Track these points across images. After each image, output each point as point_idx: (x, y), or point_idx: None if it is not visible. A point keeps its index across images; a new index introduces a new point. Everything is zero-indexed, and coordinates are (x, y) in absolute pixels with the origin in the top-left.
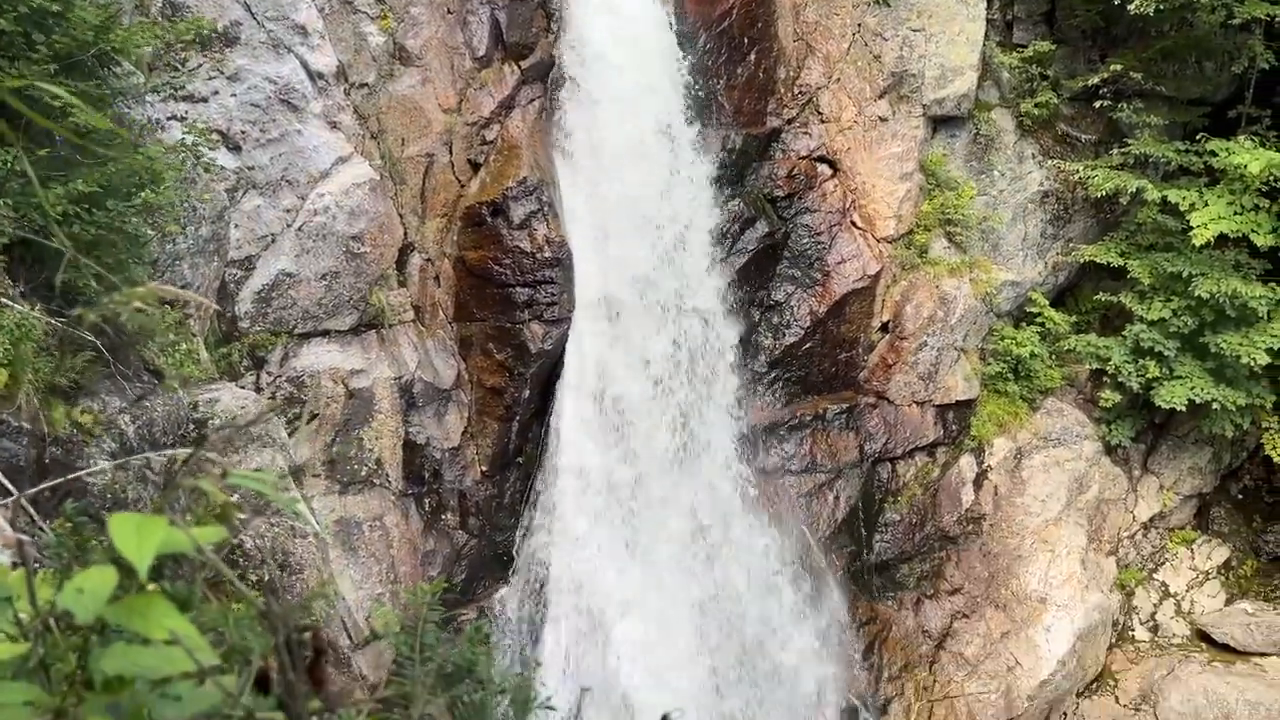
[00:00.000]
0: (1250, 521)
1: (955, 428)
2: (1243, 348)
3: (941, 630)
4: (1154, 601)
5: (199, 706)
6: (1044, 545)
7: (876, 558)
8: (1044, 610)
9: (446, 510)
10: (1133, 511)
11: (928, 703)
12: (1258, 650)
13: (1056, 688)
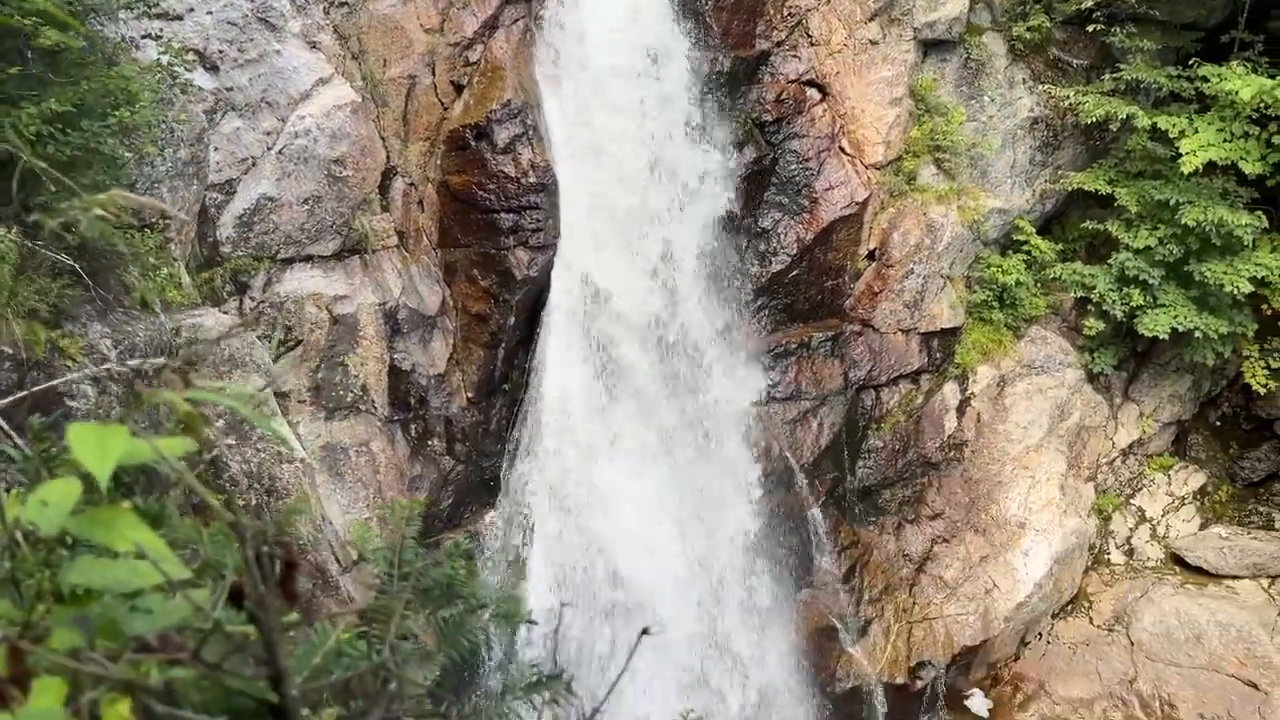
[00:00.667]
0: (1227, 448)
1: (940, 355)
2: (1226, 276)
3: (922, 554)
4: (1130, 526)
5: (169, 620)
6: (1024, 471)
7: (859, 483)
8: (1023, 535)
9: (433, 436)
10: (1112, 438)
11: (907, 624)
12: (1230, 573)
13: (1033, 609)
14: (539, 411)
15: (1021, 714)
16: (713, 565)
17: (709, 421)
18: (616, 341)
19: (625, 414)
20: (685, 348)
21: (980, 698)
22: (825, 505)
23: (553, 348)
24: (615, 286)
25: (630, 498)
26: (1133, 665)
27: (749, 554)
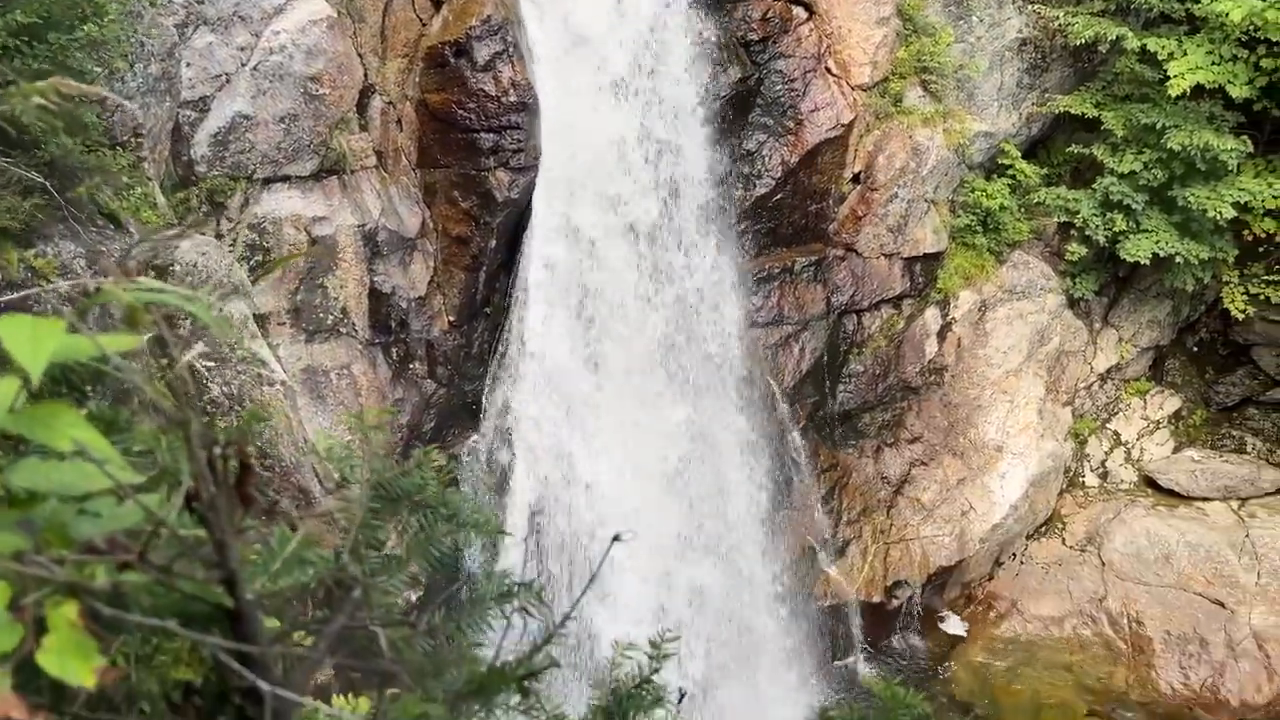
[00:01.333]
0: (1203, 373)
1: (922, 280)
2: (1210, 201)
3: (900, 477)
4: (1105, 449)
5: (119, 524)
6: (1003, 396)
7: (839, 407)
8: (1000, 458)
9: (414, 360)
10: (1091, 363)
11: (884, 545)
12: (1201, 495)
13: (1007, 531)
14: (521, 334)
15: (994, 631)
16: (695, 486)
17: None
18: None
19: (609, 335)
20: (668, 246)
21: (956, 619)
22: (805, 429)
23: (534, 271)
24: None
25: (613, 419)
26: (1103, 584)
27: (731, 473)
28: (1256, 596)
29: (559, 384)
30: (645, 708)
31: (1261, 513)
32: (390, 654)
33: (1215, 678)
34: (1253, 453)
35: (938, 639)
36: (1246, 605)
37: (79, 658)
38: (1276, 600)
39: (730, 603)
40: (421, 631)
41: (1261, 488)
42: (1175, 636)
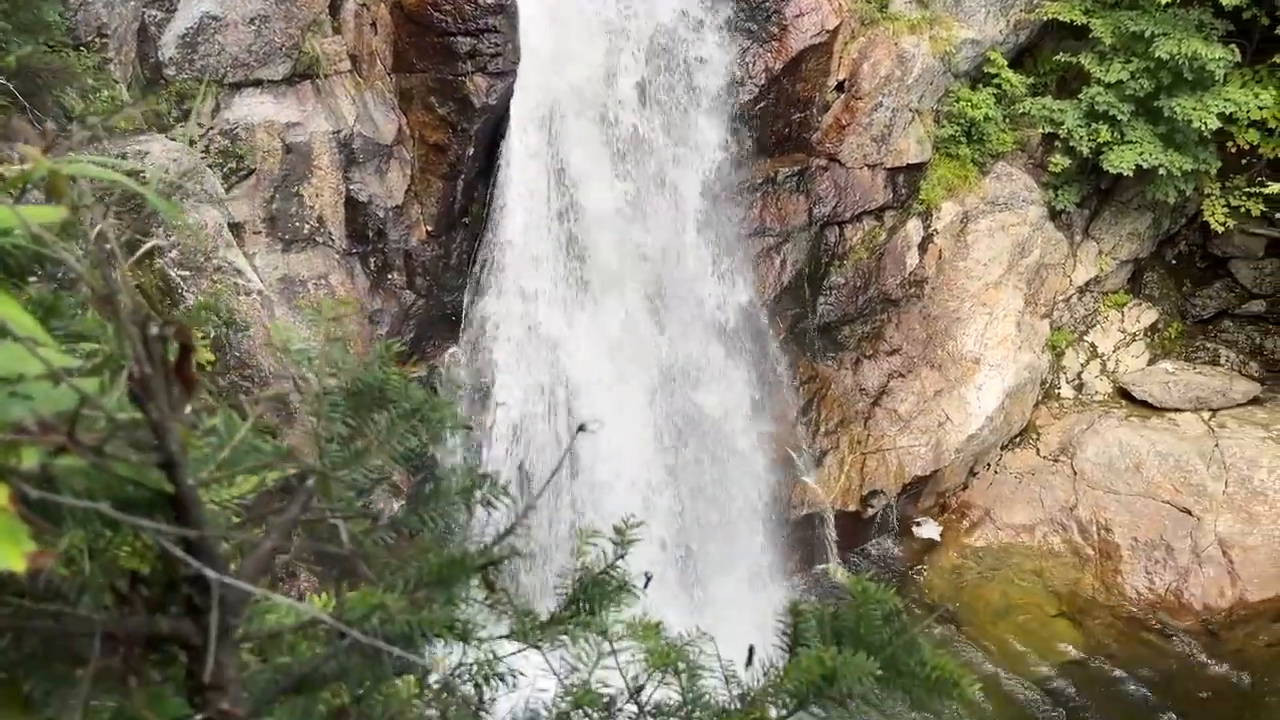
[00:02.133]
0: (1180, 286)
1: (905, 191)
2: (1195, 112)
3: (878, 388)
4: (1081, 361)
5: (52, 406)
6: (982, 308)
7: (819, 320)
8: (977, 370)
9: (392, 270)
10: (1070, 276)
11: (860, 455)
12: (1173, 406)
13: (983, 441)
14: (500, 244)
15: (967, 539)
16: (674, 395)
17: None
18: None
19: (591, 246)
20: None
21: (932, 525)
22: (785, 341)
23: (514, 179)
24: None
25: (595, 330)
26: (1074, 493)
27: (711, 384)
28: (1223, 505)
29: (539, 295)
30: (611, 594)
31: (1232, 423)
32: (351, 546)
33: (1180, 583)
34: (1226, 365)
35: (911, 546)
36: (1213, 513)
37: (8, 542)
38: (1242, 508)
39: (709, 514)
40: (383, 525)
41: (1233, 399)
42: (1142, 543)
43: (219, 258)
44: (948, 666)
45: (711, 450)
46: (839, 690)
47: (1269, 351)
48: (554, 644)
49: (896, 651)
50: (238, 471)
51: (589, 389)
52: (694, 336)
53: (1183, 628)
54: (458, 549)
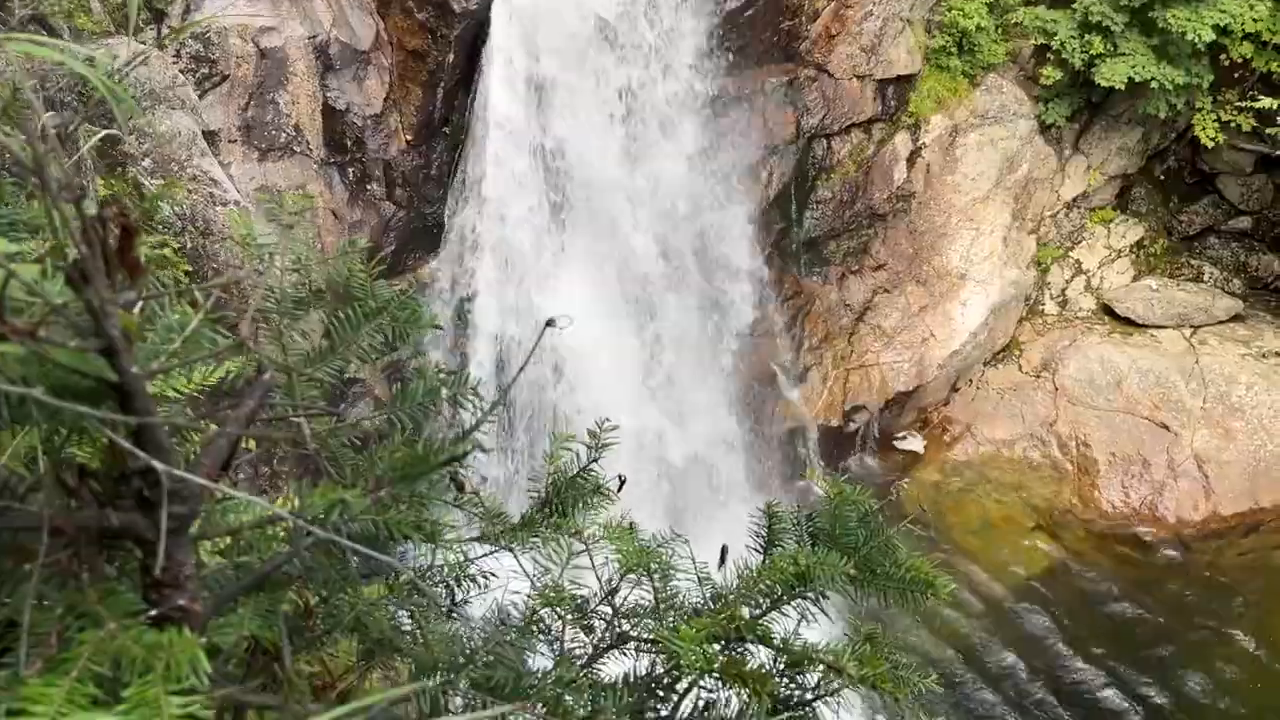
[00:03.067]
0: (1167, 202)
1: (894, 104)
2: (1190, 23)
3: (863, 304)
4: (1066, 278)
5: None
6: (969, 223)
7: (806, 234)
8: (962, 285)
9: (371, 180)
10: (1058, 191)
11: (844, 371)
12: (1155, 323)
13: (966, 357)
14: (481, 155)
15: (948, 453)
16: (659, 310)
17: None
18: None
19: (574, 156)
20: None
21: (916, 438)
22: (771, 256)
23: (494, 88)
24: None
25: (578, 242)
26: (1055, 409)
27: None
28: (1200, 420)
29: (521, 205)
30: (584, 496)
31: (1212, 340)
32: (314, 445)
33: (1154, 496)
34: (1209, 281)
35: (892, 461)
36: (1190, 429)
37: None
38: (1219, 424)
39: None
40: (348, 424)
41: (1215, 316)
42: (1120, 458)
43: (194, 166)
44: (922, 567)
45: (696, 368)
46: (813, 590)
47: (1252, 269)
48: (526, 547)
49: (871, 552)
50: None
51: (571, 307)
52: (681, 251)
53: (1156, 540)
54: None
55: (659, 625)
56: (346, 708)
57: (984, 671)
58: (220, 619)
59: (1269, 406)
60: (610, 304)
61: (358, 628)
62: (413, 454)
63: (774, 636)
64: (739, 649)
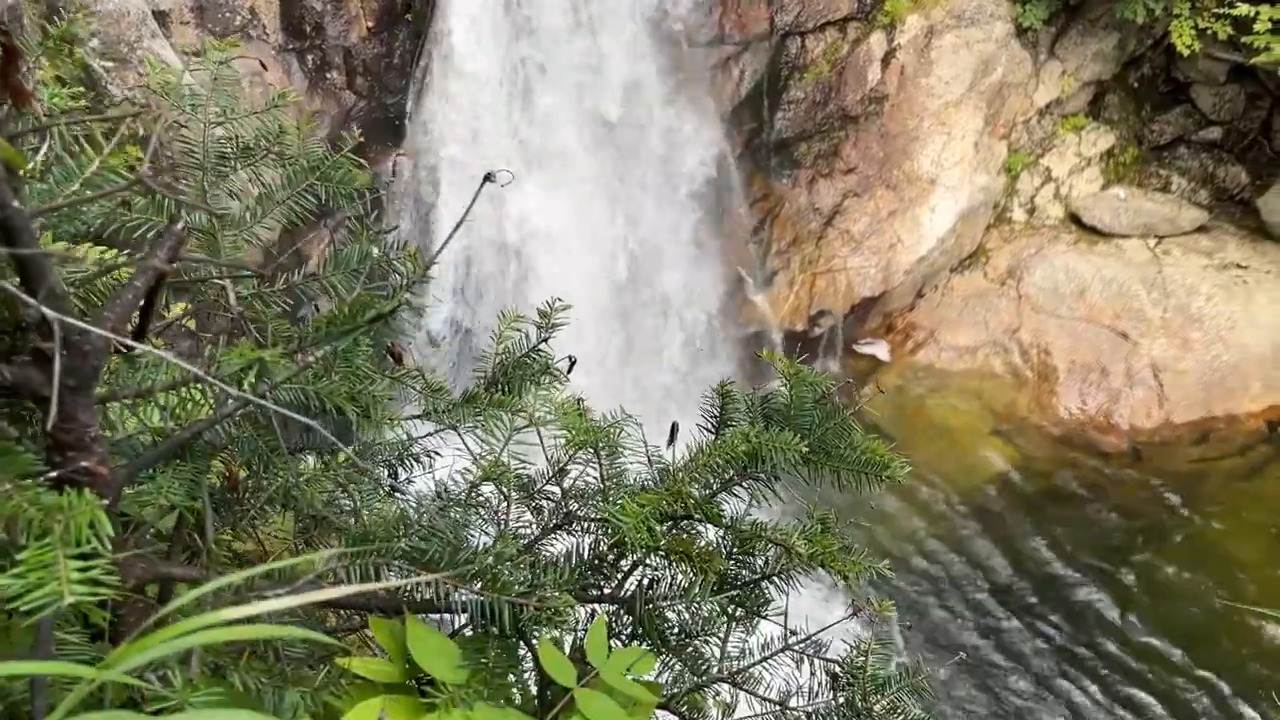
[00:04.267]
0: (1140, 111)
1: (869, 1)
2: None
3: (832, 208)
4: (1035, 185)
5: None
6: (941, 128)
7: (776, 136)
8: (932, 191)
9: (331, 69)
10: (1032, 96)
11: (811, 275)
12: (1121, 232)
13: (932, 264)
14: (444, 44)
15: (910, 359)
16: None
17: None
18: None
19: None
20: None
21: (882, 345)
22: (741, 157)
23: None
24: None
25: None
26: (1018, 316)
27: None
28: (1160, 330)
29: (485, 98)
30: (532, 376)
31: (1176, 251)
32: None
33: (1110, 404)
34: (1177, 192)
35: (855, 366)
36: (1149, 338)
37: None
38: (1177, 334)
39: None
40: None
41: (1180, 226)
42: (1079, 365)
43: (144, 48)
44: (879, 449)
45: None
46: (765, 471)
47: (1220, 180)
48: (470, 425)
49: (827, 434)
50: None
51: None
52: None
53: (1110, 447)
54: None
55: (604, 502)
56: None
57: (942, 565)
58: (138, 488)
59: (1227, 318)
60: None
61: (290, 504)
62: (337, 312)
63: (723, 515)
64: (687, 529)
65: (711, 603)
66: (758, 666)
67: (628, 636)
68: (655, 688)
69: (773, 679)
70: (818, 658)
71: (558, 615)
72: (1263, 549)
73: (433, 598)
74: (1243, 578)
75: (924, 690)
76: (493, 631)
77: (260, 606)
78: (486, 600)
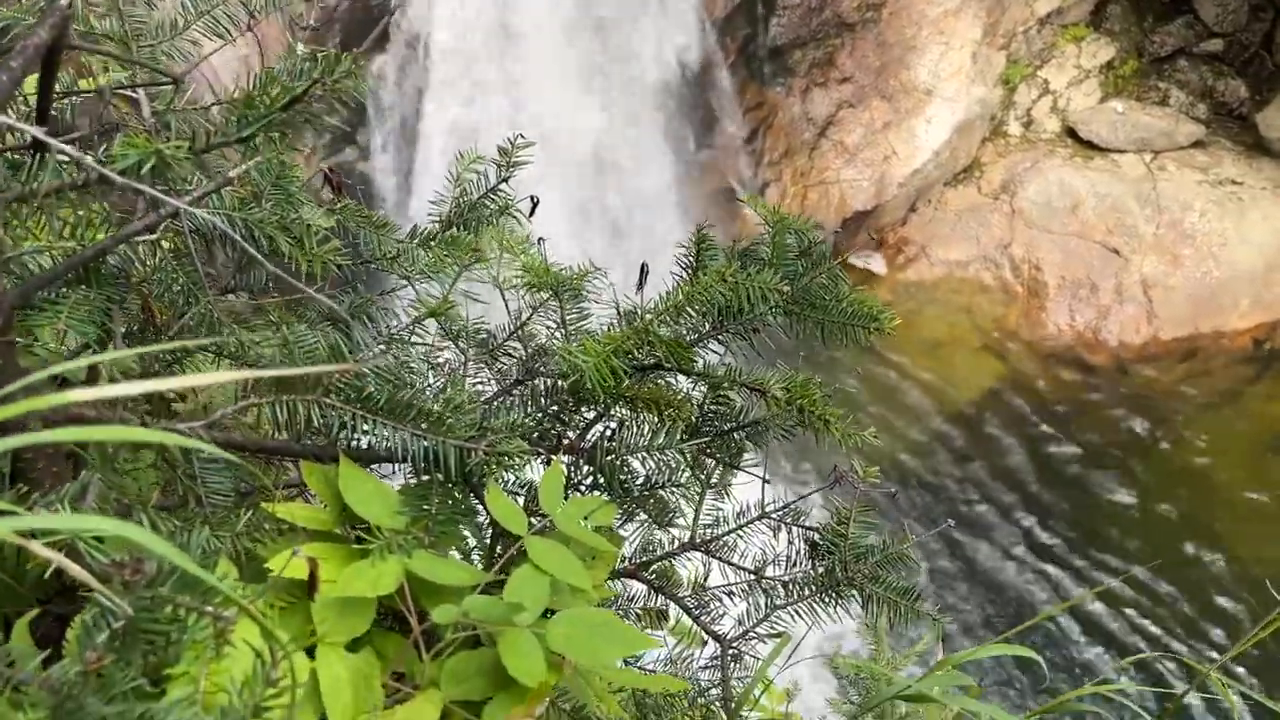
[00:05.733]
0: (1142, 21)
1: None
2: None
3: (826, 118)
4: (1033, 98)
5: None
6: (939, 36)
7: (771, 42)
8: (928, 102)
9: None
10: (1032, 5)
11: (803, 187)
12: (1118, 147)
13: (926, 177)
14: None
15: (901, 274)
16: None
17: None
18: None
19: None
20: None
21: (878, 258)
22: (734, 65)
23: None
24: None
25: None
26: (1010, 231)
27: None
28: (1151, 246)
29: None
30: (490, 219)
31: (1171, 166)
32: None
33: (1099, 320)
34: (1175, 106)
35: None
36: (1140, 254)
37: None
38: (1168, 251)
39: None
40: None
41: (1177, 141)
42: (1069, 281)
43: None
44: (868, 300)
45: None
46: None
47: (1219, 94)
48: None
49: (812, 284)
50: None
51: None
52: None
53: (1097, 363)
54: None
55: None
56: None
57: (933, 469)
58: (33, 311)
59: (1219, 235)
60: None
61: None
62: (246, 94)
63: (695, 362)
64: (655, 380)
65: (680, 452)
66: (732, 535)
67: (588, 488)
68: (617, 538)
69: (748, 548)
70: (796, 525)
71: (509, 460)
72: (1244, 468)
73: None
74: (1224, 498)
75: (907, 558)
76: (437, 479)
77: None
78: (430, 444)
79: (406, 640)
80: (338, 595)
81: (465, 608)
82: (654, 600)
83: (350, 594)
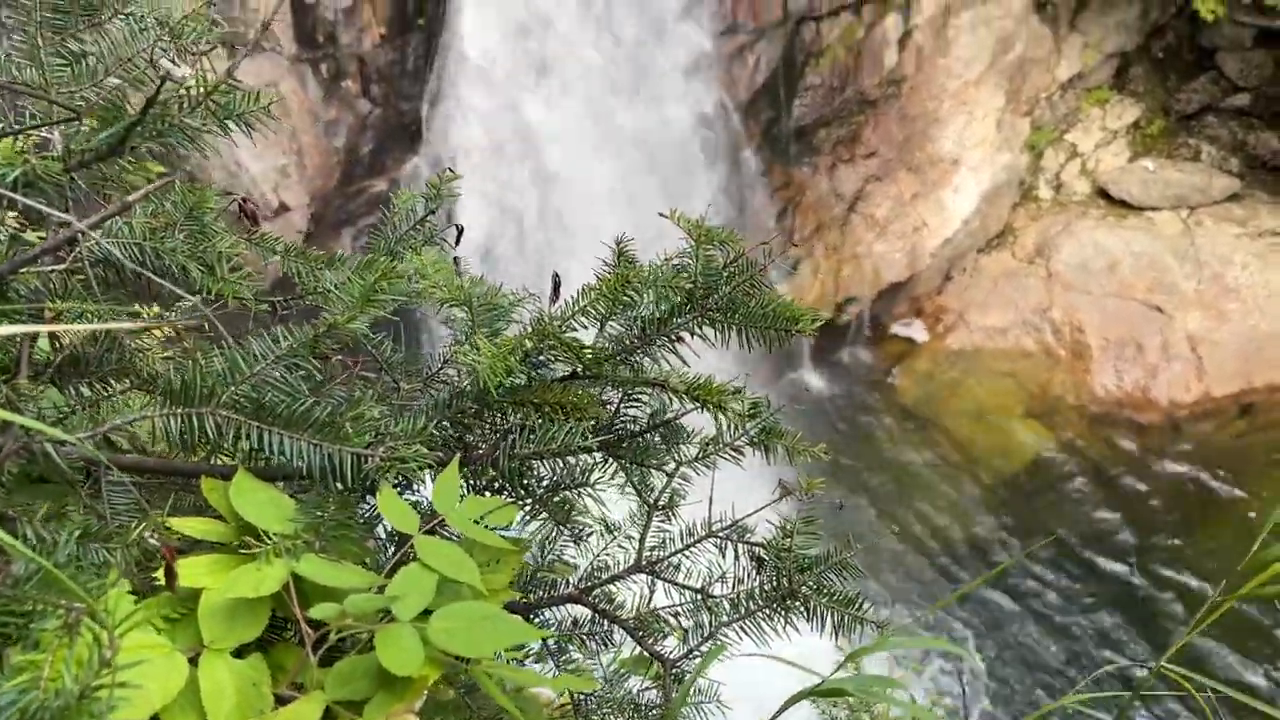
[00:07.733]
0: (1165, 81)
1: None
2: None
3: (854, 194)
4: (1061, 161)
5: None
6: (962, 107)
7: (795, 123)
8: (955, 171)
9: (345, 77)
10: (1053, 72)
11: (836, 262)
12: (1151, 205)
13: (959, 245)
14: (458, 47)
15: (940, 343)
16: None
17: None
18: None
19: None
20: None
21: (919, 325)
22: (759, 147)
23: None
24: None
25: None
26: (1048, 295)
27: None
28: (1194, 302)
29: (502, 97)
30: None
31: (1208, 220)
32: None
33: (1147, 379)
34: (1207, 161)
35: (885, 352)
36: (1184, 310)
37: None
38: (1211, 306)
39: None
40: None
41: (1211, 196)
42: (1113, 342)
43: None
44: (788, 304)
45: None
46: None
47: (1250, 147)
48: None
49: (735, 291)
50: None
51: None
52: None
53: (1148, 421)
54: None
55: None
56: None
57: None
58: None
59: (1263, 286)
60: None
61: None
62: (110, 101)
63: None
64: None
65: (585, 451)
66: (678, 555)
67: (493, 492)
68: (520, 543)
69: (694, 565)
70: (742, 542)
71: (406, 466)
72: None
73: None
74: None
75: (850, 567)
76: (335, 487)
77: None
78: (327, 451)
79: (304, 649)
80: (221, 597)
81: (345, 605)
82: (600, 624)
83: (234, 595)
